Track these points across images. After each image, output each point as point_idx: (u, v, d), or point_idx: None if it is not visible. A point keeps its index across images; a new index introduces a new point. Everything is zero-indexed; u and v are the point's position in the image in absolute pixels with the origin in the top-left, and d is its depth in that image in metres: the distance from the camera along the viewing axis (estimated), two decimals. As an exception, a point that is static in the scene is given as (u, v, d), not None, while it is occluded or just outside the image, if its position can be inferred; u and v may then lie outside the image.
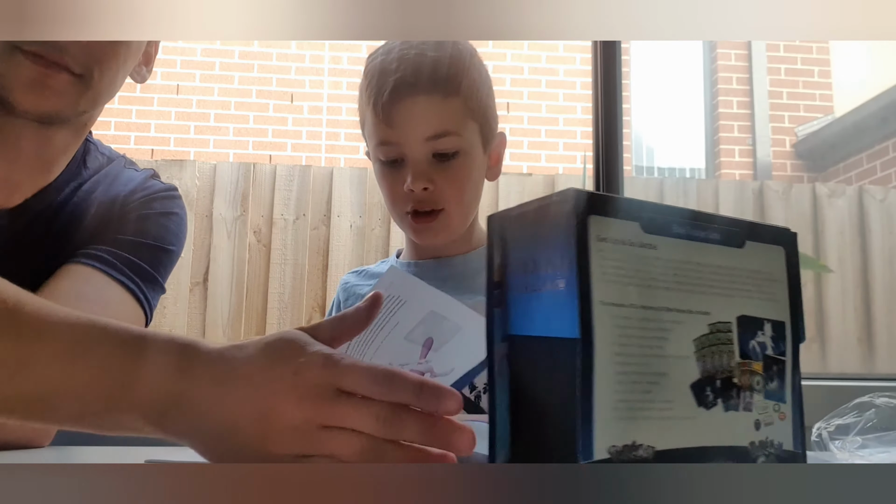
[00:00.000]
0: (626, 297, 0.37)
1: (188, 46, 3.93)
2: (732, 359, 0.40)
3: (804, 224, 2.78)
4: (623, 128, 1.47)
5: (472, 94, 0.95)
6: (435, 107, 0.92)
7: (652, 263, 0.38)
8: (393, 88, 0.92)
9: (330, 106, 3.99)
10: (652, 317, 0.38)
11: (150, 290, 0.84)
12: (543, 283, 0.38)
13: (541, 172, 3.06)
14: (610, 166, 1.45)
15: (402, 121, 0.92)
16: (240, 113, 3.95)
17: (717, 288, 0.41)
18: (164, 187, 0.91)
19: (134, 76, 0.87)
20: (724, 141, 4.63)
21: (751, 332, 0.42)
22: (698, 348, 0.39)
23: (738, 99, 4.68)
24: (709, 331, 0.40)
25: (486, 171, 1.01)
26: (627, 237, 0.38)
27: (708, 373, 0.39)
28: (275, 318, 2.48)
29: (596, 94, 1.48)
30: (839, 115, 4.59)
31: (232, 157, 3.80)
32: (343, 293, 1.06)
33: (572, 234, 0.37)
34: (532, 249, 0.39)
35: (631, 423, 0.36)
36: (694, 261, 0.40)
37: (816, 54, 4.75)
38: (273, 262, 2.54)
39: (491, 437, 0.40)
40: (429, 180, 0.92)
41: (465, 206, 0.98)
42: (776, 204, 2.81)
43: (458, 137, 0.93)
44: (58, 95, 0.75)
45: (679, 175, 4.76)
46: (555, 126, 4.06)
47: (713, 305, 0.40)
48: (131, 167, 0.92)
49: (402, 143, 0.93)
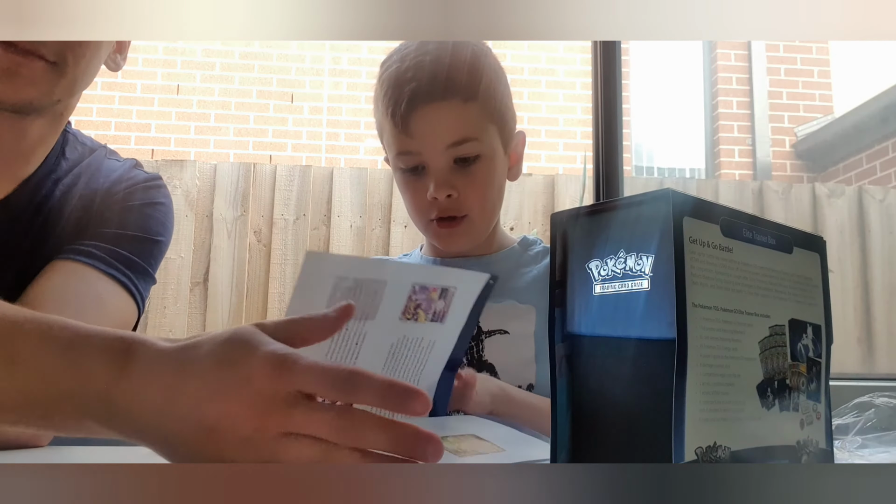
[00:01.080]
0: (710, 299, 0.38)
1: (189, 47, 3.93)
2: (786, 361, 0.41)
3: (804, 224, 2.77)
4: (623, 128, 1.47)
5: (490, 97, 0.95)
6: (454, 113, 0.92)
7: (729, 266, 0.39)
8: (410, 98, 0.91)
9: (330, 106, 3.99)
10: (729, 319, 0.39)
11: (142, 281, 0.84)
12: (623, 284, 0.38)
13: (541, 172, 3.06)
14: (610, 166, 1.45)
15: (421, 130, 0.92)
16: (240, 113, 3.94)
17: (774, 292, 0.42)
18: (147, 177, 0.90)
19: (108, 64, 0.86)
20: (723, 141, 4.63)
21: (798, 334, 0.43)
22: (761, 350, 0.40)
23: (738, 99, 4.67)
24: (769, 333, 0.41)
25: (507, 171, 1.01)
26: (712, 240, 0.39)
27: (769, 374, 0.40)
28: (275, 318, 2.48)
29: (596, 94, 1.48)
30: (839, 115, 4.59)
31: (232, 158, 3.80)
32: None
33: (669, 235, 0.36)
34: (607, 249, 0.39)
35: (712, 425, 0.37)
36: (759, 265, 0.41)
37: (816, 54, 4.74)
38: (273, 262, 2.54)
39: (553, 436, 0.40)
40: (452, 187, 0.92)
41: (489, 211, 0.98)
42: (776, 204, 2.81)
43: (479, 142, 0.93)
44: (32, 84, 0.74)
45: (679, 175, 4.76)
46: (555, 126, 4.06)
47: (772, 309, 0.41)
48: (112, 157, 0.91)
49: (423, 151, 0.93)
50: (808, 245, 0.45)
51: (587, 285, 0.39)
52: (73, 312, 0.74)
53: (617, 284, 0.38)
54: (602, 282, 0.39)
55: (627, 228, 0.38)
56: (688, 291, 0.36)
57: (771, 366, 0.40)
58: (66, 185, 0.85)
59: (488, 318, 0.93)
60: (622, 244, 0.38)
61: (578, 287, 0.39)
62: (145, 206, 0.87)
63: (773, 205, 2.80)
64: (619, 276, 0.38)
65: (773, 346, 0.40)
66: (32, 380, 0.42)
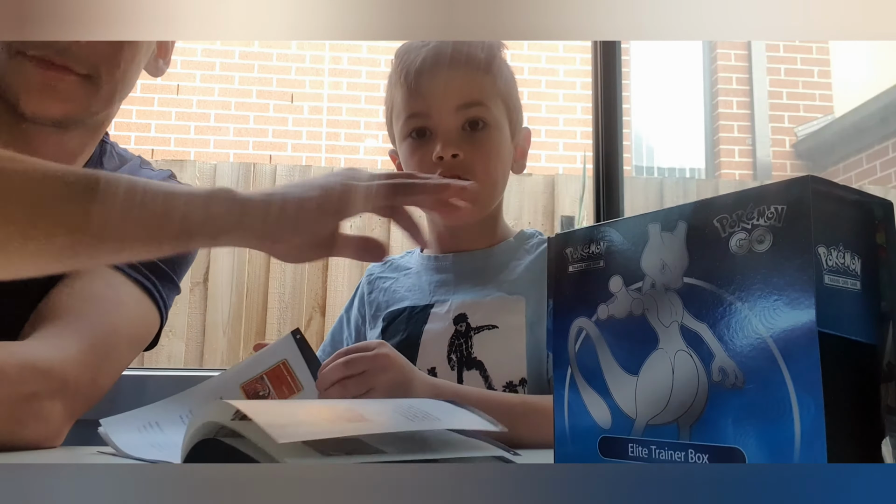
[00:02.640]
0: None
1: (188, 47, 3.93)
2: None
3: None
4: (623, 128, 1.47)
5: (502, 77, 0.97)
6: (466, 77, 0.94)
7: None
8: (423, 59, 0.93)
9: (330, 106, 3.99)
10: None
11: (166, 289, 0.84)
12: (834, 279, 0.36)
13: (541, 172, 3.06)
14: (610, 166, 1.45)
15: (432, 89, 0.93)
16: (240, 113, 3.95)
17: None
18: (161, 177, 0.91)
19: (150, 70, 0.87)
20: (723, 141, 4.63)
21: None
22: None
23: (738, 99, 4.68)
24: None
25: (512, 163, 1.02)
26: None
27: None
28: (275, 317, 2.48)
29: (596, 94, 1.48)
30: (839, 115, 4.59)
31: (232, 158, 3.80)
32: (367, 286, 1.05)
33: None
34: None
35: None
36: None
37: (816, 54, 4.74)
38: (273, 262, 2.54)
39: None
40: (458, 147, 0.92)
41: (493, 182, 0.97)
42: (776, 204, 2.81)
43: (488, 109, 0.94)
44: (66, 99, 0.75)
45: (679, 175, 4.76)
46: (555, 126, 4.06)
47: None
48: (146, 167, 0.92)
49: (432, 113, 0.94)
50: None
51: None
52: (96, 314, 0.75)
53: (835, 280, 0.36)
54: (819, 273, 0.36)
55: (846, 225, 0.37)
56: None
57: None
58: None
59: (476, 314, 0.92)
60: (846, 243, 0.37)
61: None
62: None
63: (773, 205, 2.80)
64: (834, 270, 0.36)
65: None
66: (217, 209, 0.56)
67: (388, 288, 1.03)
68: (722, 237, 0.39)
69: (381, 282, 1.04)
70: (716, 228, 0.40)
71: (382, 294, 1.02)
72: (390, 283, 1.03)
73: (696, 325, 0.40)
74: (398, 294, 1.01)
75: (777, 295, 0.36)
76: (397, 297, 1.00)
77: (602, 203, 1.43)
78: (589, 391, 0.46)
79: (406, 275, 1.03)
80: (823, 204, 0.36)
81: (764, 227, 0.37)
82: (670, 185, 3.03)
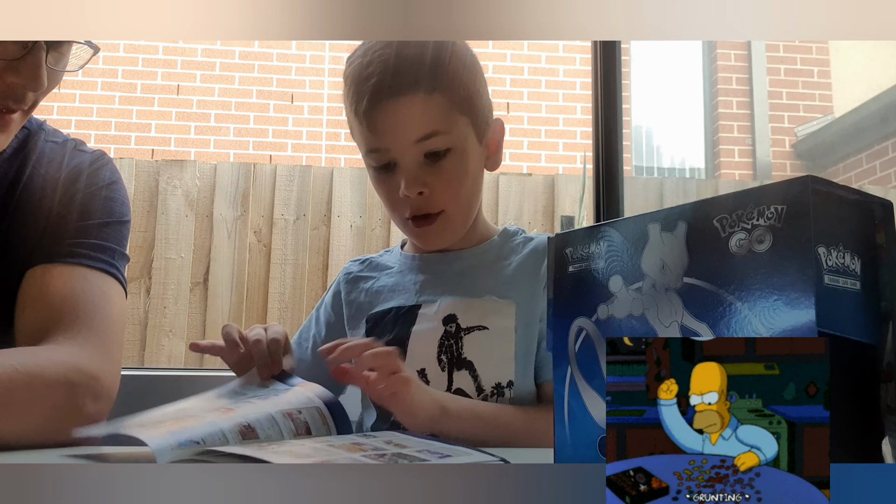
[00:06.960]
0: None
1: (189, 47, 3.93)
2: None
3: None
4: (623, 128, 1.47)
5: (456, 87, 0.91)
6: (418, 107, 0.89)
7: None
8: (372, 94, 0.88)
9: (330, 106, 3.99)
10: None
11: (121, 264, 0.87)
12: (834, 279, 0.36)
13: (541, 172, 3.06)
14: (610, 166, 1.45)
15: (386, 126, 0.89)
16: (240, 113, 3.94)
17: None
18: (91, 159, 0.91)
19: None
20: (723, 141, 4.63)
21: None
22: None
23: (738, 99, 4.67)
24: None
25: (485, 161, 0.98)
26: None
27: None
28: (275, 318, 2.48)
29: (596, 94, 1.48)
30: (838, 115, 4.59)
31: (232, 158, 3.80)
32: (346, 285, 1.03)
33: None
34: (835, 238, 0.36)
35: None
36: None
37: (816, 54, 4.74)
38: (273, 262, 2.54)
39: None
40: (423, 184, 0.90)
41: (464, 205, 0.94)
42: (776, 204, 2.81)
43: (448, 135, 0.90)
44: (11, 132, 0.79)
45: (679, 175, 4.76)
46: (555, 126, 4.06)
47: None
48: (82, 147, 0.92)
49: (391, 148, 0.90)
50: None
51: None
52: (90, 312, 0.79)
53: (835, 280, 0.36)
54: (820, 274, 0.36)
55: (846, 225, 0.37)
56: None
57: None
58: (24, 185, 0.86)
59: (467, 314, 0.91)
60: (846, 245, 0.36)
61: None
62: (103, 189, 0.89)
63: (773, 205, 2.81)
64: (833, 270, 0.36)
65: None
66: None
67: (370, 288, 1.00)
68: (722, 237, 0.39)
69: (361, 282, 1.02)
70: (716, 228, 0.39)
71: (364, 294, 1.00)
72: (371, 282, 1.01)
73: (696, 325, 0.40)
74: (381, 294, 0.99)
75: (777, 295, 0.36)
76: (381, 297, 0.99)
77: (602, 203, 1.43)
78: (589, 391, 0.46)
79: (388, 274, 1.01)
80: (823, 204, 0.36)
81: (764, 227, 0.37)
82: (670, 185, 3.03)
